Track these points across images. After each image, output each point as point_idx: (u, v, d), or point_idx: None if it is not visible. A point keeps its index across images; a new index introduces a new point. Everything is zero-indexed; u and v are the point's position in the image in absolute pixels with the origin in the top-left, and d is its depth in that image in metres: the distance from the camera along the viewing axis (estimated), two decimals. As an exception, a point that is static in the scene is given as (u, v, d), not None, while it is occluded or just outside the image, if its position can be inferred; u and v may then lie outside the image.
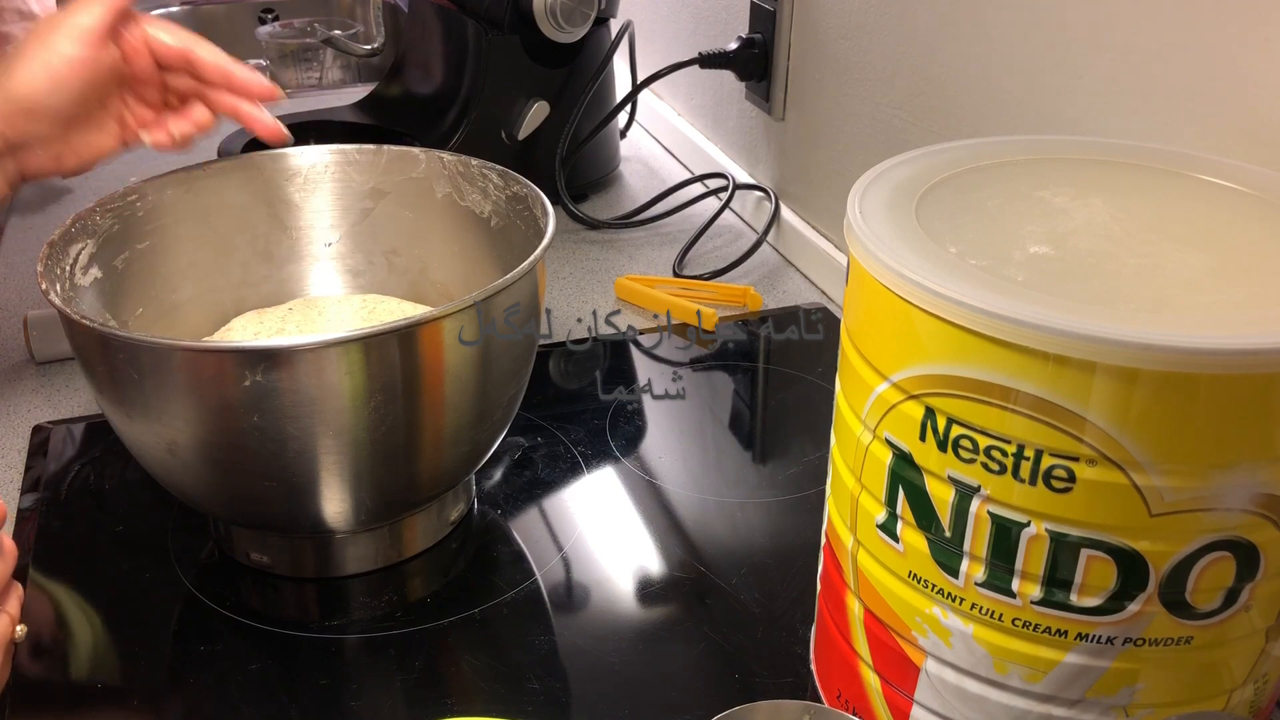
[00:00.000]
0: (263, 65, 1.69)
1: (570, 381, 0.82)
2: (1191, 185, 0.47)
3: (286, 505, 0.57)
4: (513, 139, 1.06)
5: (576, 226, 1.06)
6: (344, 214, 0.74)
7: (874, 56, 0.85)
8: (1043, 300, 0.37)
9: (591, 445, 0.74)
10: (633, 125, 1.27)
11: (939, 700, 0.45)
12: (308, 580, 0.63)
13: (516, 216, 0.68)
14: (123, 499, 0.69)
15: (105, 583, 0.62)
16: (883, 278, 0.40)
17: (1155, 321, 0.36)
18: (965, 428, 0.39)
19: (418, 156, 0.72)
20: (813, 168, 0.98)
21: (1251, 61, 0.54)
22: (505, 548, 0.65)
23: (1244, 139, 0.55)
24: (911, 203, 0.44)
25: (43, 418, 0.77)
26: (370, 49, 1.22)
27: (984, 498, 0.39)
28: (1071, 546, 0.38)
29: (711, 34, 1.14)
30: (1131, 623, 0.39)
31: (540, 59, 1.05)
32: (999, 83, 0.72)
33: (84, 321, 0.53)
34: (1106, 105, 0.63)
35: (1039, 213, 0.44)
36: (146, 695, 0.55)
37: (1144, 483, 0.37)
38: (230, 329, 0.71)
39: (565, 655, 0.58)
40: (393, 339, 0.53)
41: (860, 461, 0.44)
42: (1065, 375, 0.36)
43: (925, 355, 0.39)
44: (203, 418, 0.53)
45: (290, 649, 0.58)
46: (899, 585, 0.44)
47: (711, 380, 0.83)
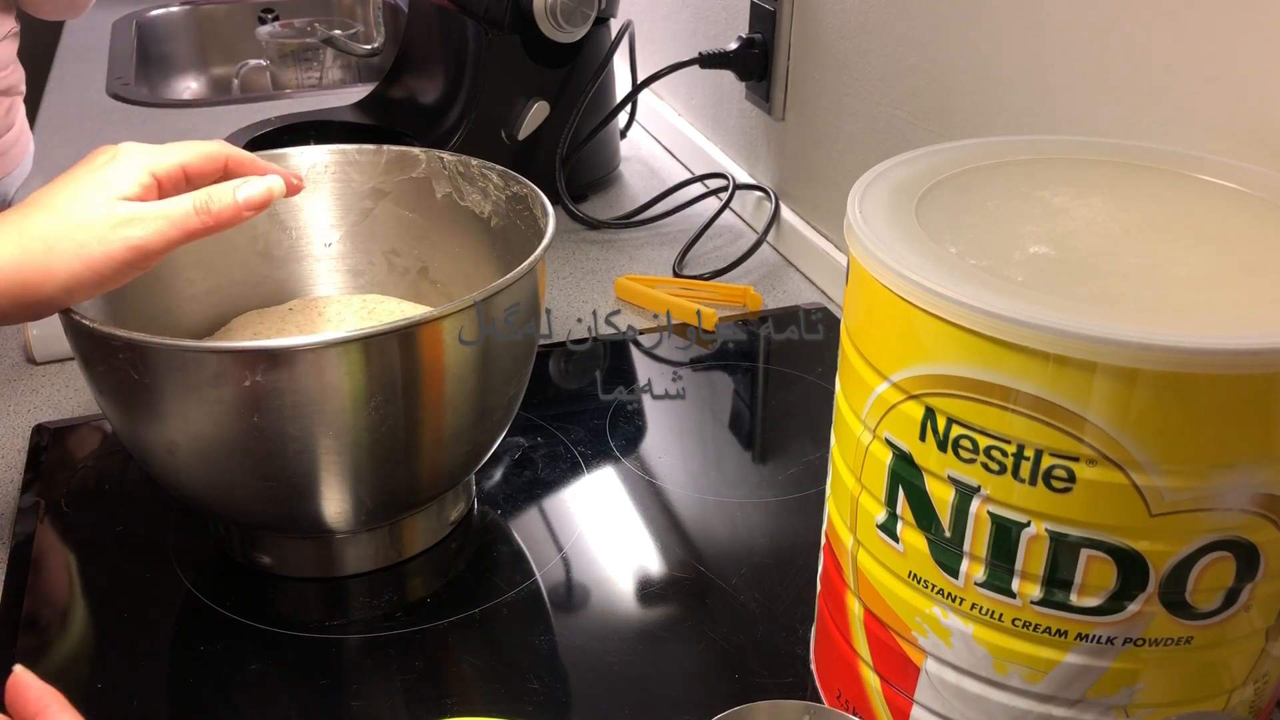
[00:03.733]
0: (263, 65, 1.69)
1: (570, 381, 0.82)
2: (1191, 185, 0.47)
3: (286, 505, 0.57)
4: (513, 139, 1.06)
5: (576, 226, 1.06)
6: (344, 214, 0.74)
7: (874, 56, 0.85)
8: (1043, 300, 0.37)
9: (591, 445, 0.74)
10: (633, 125, 1.27)
11: (939, 700, 0.45)
12: (308, 580, 0.63)
13: (516, 216, 0.68)
14: (123, 499, 0.69)
15: (105, 583, 0.62)
16: (883, 278, 0.40)
17: (1155, 321, 0.36)
18: (965, 428, 0.39)
19: (418, 156, 0.73)
20: (813, 168, 0.98)
21: (1252, 61, 0.54)
22: (505, 548, 0.65)
23: (1245, 139, 0.55)
24: (911, 203, 0.44)
25: (43, 418, 0.77)
26: (370, 49, 1.22)
27: (984, 498, 0.39)
28: (1071, 546, 0.38)
29: (711, 34, 1.14)
30: (1131, 623, 0.39)
31: (540, 59, 1.05)
32: (999, 83, 0.72)
33: (84, 321, 0.52)
34: (1106, 105, 0.63)
35: (1039, 213, 0.44)
36: (146, 695, 0.55)
37: (1144, 483, 0.37)
38: (230, 329, 0.71)
39: (565, 655, 0.58)
40: (393, 339, 0.53)
41: (860, 461, 0.44)
42: (1065, 375, 0.36)
43: (925, 355, 0.39)
44: (203, 418, 0.53)
45: (290, 649, 0.58)
46: (899, 585, 0.44)
47: (711, 380, 0.83)
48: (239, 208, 0.55)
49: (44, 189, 0.56)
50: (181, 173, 0.57)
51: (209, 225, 0.54)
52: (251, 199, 0.55)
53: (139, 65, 1.59)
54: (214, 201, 0.54)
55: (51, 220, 0.53)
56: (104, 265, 0.52)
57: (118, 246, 0.52)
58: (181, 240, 0.54)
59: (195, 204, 0.54)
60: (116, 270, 0.53)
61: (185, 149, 0.58)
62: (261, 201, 0.56)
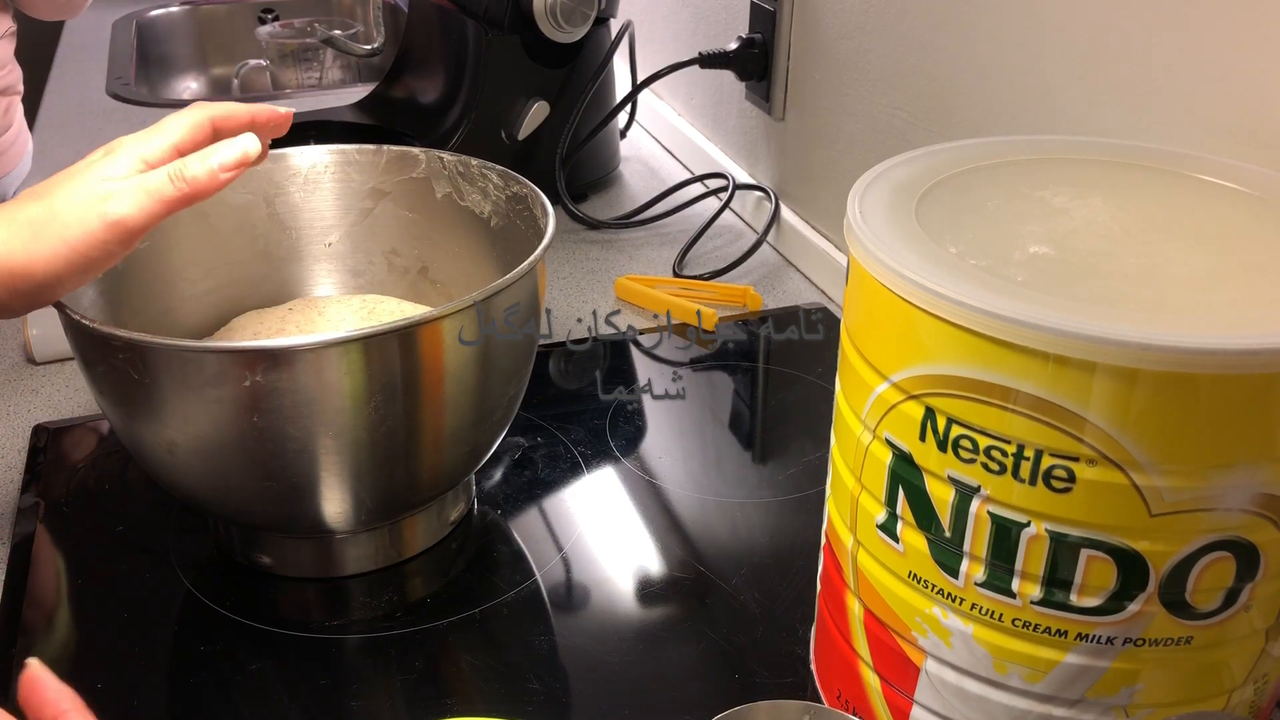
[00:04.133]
0: (263, 65, 1.69)
1: (570, 381, 0.82)
2: (1191, 185, 0.47)
3: (286, 505, 0.57)
4: (513, 139, 1.06)
5: (576, 226, 1.06)
6: (344, 214, 0.74)
7: (874, 56, 0.85)
8: (1043, 300, 0.37)
9: (591, 445, 0.74)
10: (633, 125, 1.27)
11: (939, 700, 0.45)
12: (308, 580, 0.63)
13: (516, 216, 0.68)
14: (123, 499, 0.69)
15: (105, 583, 0.62)
16: (883, 278, 0.40)
17: (1155, 321, 0.36)
18: (965, 428, 0.39)
19: (418, 156, 0.73)
20: (813, 168, 0.98)
21: (1252, 61, 0.54)
22: (505, 548, 0.65)
23: (1244, 139, 0.55)
24: (911, 203, 0.44)
25: (43, 418, 0.77)
26: (370, 49, 1.22)
27: (984, 498, 0.39)
28: (1071, 546, 0.38)
29: (711, 34, 1.14)
30: (1131, 623, 0.39)
31: (540, 59, 1.05)
32: (999, 83, 0.72)
33: (84, 321, 0.52)
34: (1106, 105, 0.63)
35: (1039, 213, 0.44)
36: (146, 695, 0.55)
37: (1144, 483, 0.37)
38: (230, 329, 0.71)
39: (565, 655, 0.58)
40: (393, 339, 0.53)
41: (860, 461, 0.44)
42: (1065, 375, 0.36)
43: (925, 355, 0.39)
44: (203, 418, 0.53)
45: (290, 649, 0.58)
46: (899, 585, 0.44)
47: (711, 380, 0.83)
48: (213, 173, 0.53)
49: (40, 184, 0.56)
50: (175, 154, 0.56)
51: (185, 194, 0.53)
52: (225, 162, 0.54)
53: (139, 65, 1.59)
54: (188, 169, 0.53)
55: (38, 207, 0.53)
56: (85, 245, 0.52)
57: (95, 224, 0.52)
58: (162, 212, 0.53)
59: (170, 173, 0.53)
60: (98, 249, 0.52)
61: (173, 128, 0.57)
62: (237, 163, 0.54)
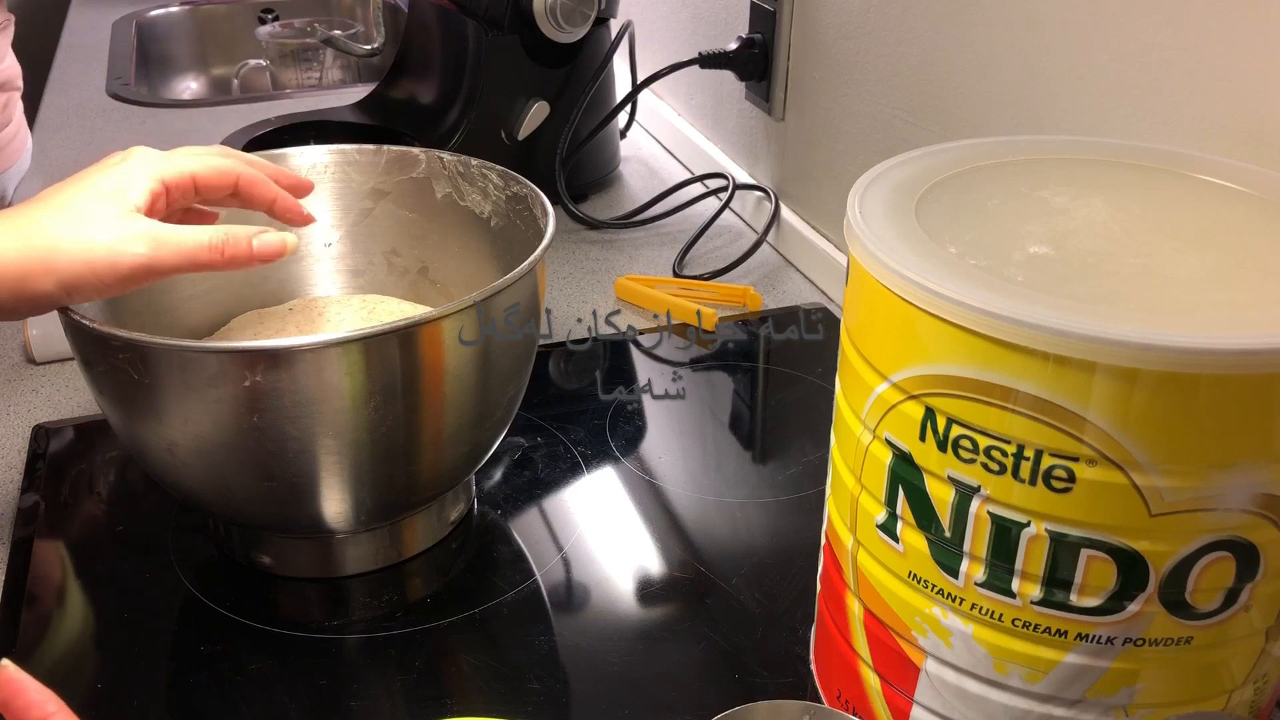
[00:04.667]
0: (263, 65, 1.69)
1: (570, 381, 0.82)
2: (1191, 185, 0.47)
3: (286, 505, 0.57)
4: (513, 139, 1.06)
5: (576, 226, 1.06)
6: (344, 214, 0.74)
7: (874, 56, 0.85)
8: (1043, 300, 0.37)
9: (591, 445, 0.74)
10: (633, 125, 1.27)
11: (939, 700, 0.45)
12: (308, 580, 0.63)
13: (516, 216, 0.68)
14: (123, 499, 0.69)
15: (105, 583, 0.62)
16: (883, 278, 0.40)
17: (1155, 321, 0.36)
18: (965, 428, 0.39)
19: (418, 156, 0.73)
20: (813, 168, 0.98)
21: (1251, 61, 0.54)
22: (505, 548, 0.65)
23: (1244, 139, 0.55)
24: (911, 203, 0.44)
25: (43, 418, 0.77)
26: (370, 49, 1.22)
27: (984, 498, 0.39)
28: (1071, 546, 0.38)
29: (711, 34, 1.14)
30: (1131, 623, 0.39)
31: (540, 59, 1.05)
32: (999, 83, 0.72)
33: (84, 321, 0.52)
34: (1106, 105, 0.63)
35: (1039, 213, 0.44)
36: (146, 695, 0.55)
37: (1144, 483, 0.37)
38: (230, 329, 0.71)
39: (565, 655, 0.58)
40: (393, 339, 0.53)
41: (860, 461, 0.44)
42: (1065, 375, 0.36)
43: (925, 355, 0.39)
44: (203, 418, 0.53)
45: (290, 649, 0.58)
46: (899, 585, 0.44)
47: (711, 380, 0.83)
48: (252, 256, 0.55)
49: (56, 187, 0.55)
50: (191, 182, 0.57)
51: (218, 264, 0.55)
52: (265, 251, 0.56)
53: (139, 65, 1.59)
54: (230, 244, 0.54)
55: (61, 219, 0.53)
56: (108, 274, 0.52)
57: (126, 260, 0.52)
58: (189, 270, 0.54)
59: (212, 241, 0.54)
60: (119, 280, 0.53)
61: (198, 159, 0.58)
62: (274, 254, 0.56)
